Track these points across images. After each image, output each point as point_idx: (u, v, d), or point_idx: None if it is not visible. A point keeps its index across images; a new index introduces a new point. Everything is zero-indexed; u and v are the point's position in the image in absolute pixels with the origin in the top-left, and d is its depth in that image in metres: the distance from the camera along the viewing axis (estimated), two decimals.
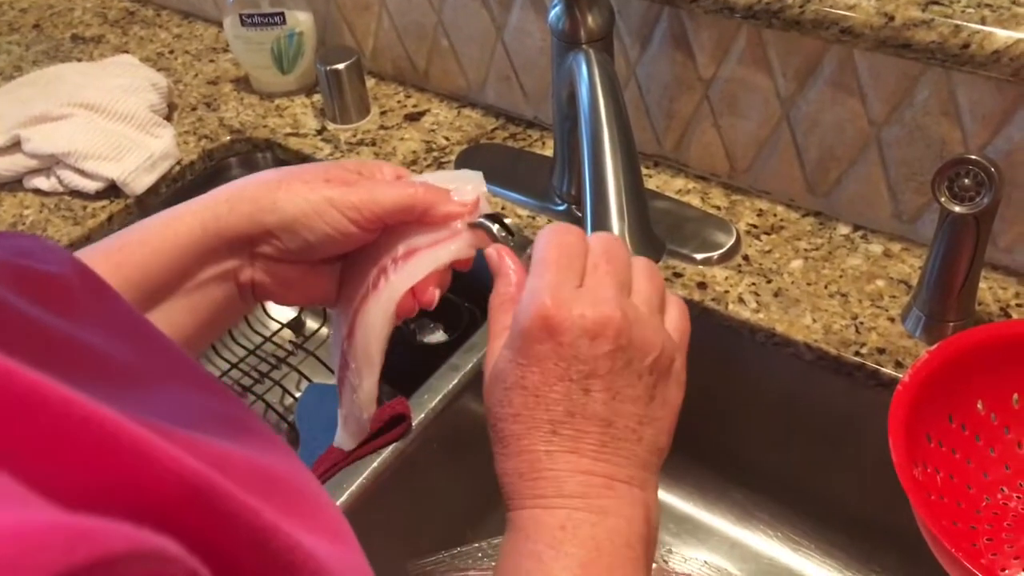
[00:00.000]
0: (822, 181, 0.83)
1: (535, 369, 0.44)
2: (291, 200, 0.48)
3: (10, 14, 1.28)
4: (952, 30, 0.66)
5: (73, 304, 0.32)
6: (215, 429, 0.29)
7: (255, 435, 0.32)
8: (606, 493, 0.44)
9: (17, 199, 0.95)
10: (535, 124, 1.00)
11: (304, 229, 0.49)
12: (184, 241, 0.48)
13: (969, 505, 0.62)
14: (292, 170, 0.51)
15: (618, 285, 0.46)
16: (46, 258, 0.33)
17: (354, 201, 0.49)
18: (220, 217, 0.49)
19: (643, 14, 0.84)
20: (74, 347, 0.29)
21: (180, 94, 1.09)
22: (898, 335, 0.73)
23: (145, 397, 0.29)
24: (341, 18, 1.08)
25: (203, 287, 0.50)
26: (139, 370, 0.31)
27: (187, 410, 0.30)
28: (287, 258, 0.51)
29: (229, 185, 0.51)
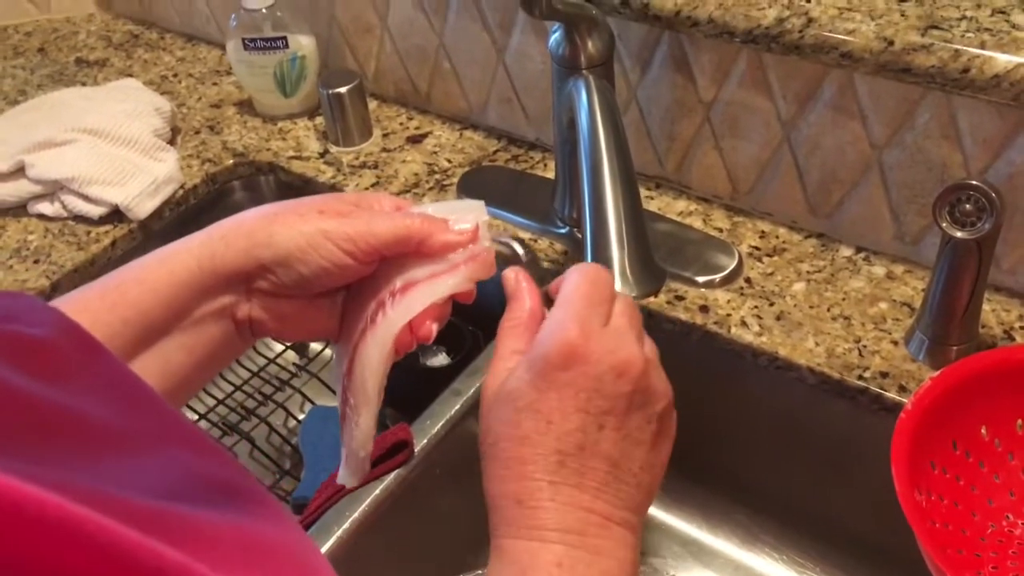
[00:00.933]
0: (824, 203, 0.83)
1: (553, 395, 0.44)
2: (285, 234, 0.48)
3: (15, 38, 1.29)
4: (952, 55, 0.66)
5: (60, 368, 0.31)
6: (202, 495, 0.29)
7: (245, 500, 0.32)
8: (602, 533, 0.43)
9: (21, 224, 0.95)
10: (537, 146, 1.00)
11: (299, 263, 0.48)
12: (181, 279, 0.48)
13: (974, 532, 0.62)
14: (288, 204, 0.50)
15: (638, 335, 0.47)
16: (33, 320, 0.33)
17: (349, 233, 0.48)
18: (216, 254, 0.48)
19: (643, 37, 0.84)
20: (51, 414, 0.28)
21: (184, 117, 1.09)
22: (901, 358, 0.73)
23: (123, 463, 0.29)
24: (343, 41, 1.09)
25: (199, 324, 0.49)
26: (123, 432, 0.31)
27: (169, 474, 0.30)
28: (284, 292, 0.50)
29: (225, 221, 0.50)
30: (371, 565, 0.72)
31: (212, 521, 0.29)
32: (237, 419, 1.02)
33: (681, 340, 0.79)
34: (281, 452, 1.00)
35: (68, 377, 0.32)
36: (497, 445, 0.45)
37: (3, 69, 1.22)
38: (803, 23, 0.71)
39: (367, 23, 1.05)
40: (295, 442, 0.98)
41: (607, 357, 0.44)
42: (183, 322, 0.49)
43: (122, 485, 0.27)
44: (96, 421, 0.30)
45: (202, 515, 0.29)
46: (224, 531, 0.30)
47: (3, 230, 0.94)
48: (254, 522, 0.31)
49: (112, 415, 0.31)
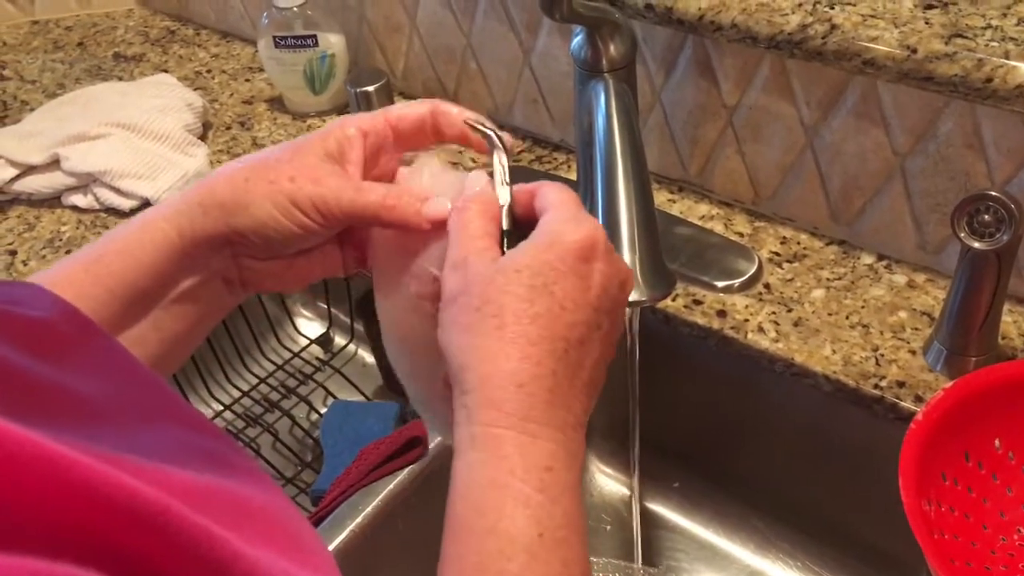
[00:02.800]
0: (846, 210, 0.82)
1: (571, 283, 0.42)
2: (257, 202, 0.47)
3: (56, 32, 1.32)
4: (975, 64, 0.66)
5: (58, 347, 0.33)
6: (192, 463, 0.30)
7: (235, 469, 0.33)
8: (576, 436, 0.42)
9: (55, 216, 0.97)
10: (561, 147, 1.00)
11: (269, 229, 0.47)
12: (162, 248, 0.47)
13: (984, 545, 0.62)
14: (258, 165, 0.48)
15: None
16: (35, 304, 0.34)
17: (316, 203, 0.47)
18: (195, 222, 0.48)
19: (667, 41, 0.84)
20: (54, 391, 0.30)
21: (215, 113, 1.11)
22: (919, 368, 0.72)
23: (121, 434, 0.30)
24: (373, 40, 1.10)
25: (190, 293, 0.49)
26: (120, 409, 0.32)
27: (165, 446, 0.31)
28: (265, 255, 0.50)
29: (199, 186, 0.49)
30: (383, 559, 0.73)
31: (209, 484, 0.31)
32: (261, 411, 1.04)
33: (698, 344, 0.79)
34: (303, 445, 1.01)
35: (66, 356, 0.33)
36: (500, 316, 0.41)
37: (43, 63, 1.24)
38: (826, 30, 0.71)
39: (396, 22, 1.06)
40: (316, 435, 0.99)
41: (617, 262, 0.44)
42: (171, 290, 0.48)
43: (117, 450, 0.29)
44: (92, 398, 0.32)
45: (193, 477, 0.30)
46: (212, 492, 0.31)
47: (37, 221, 0.97)
48: (243, 487, 0.32)
49: (107, 392, 0.33)
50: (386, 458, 0.73)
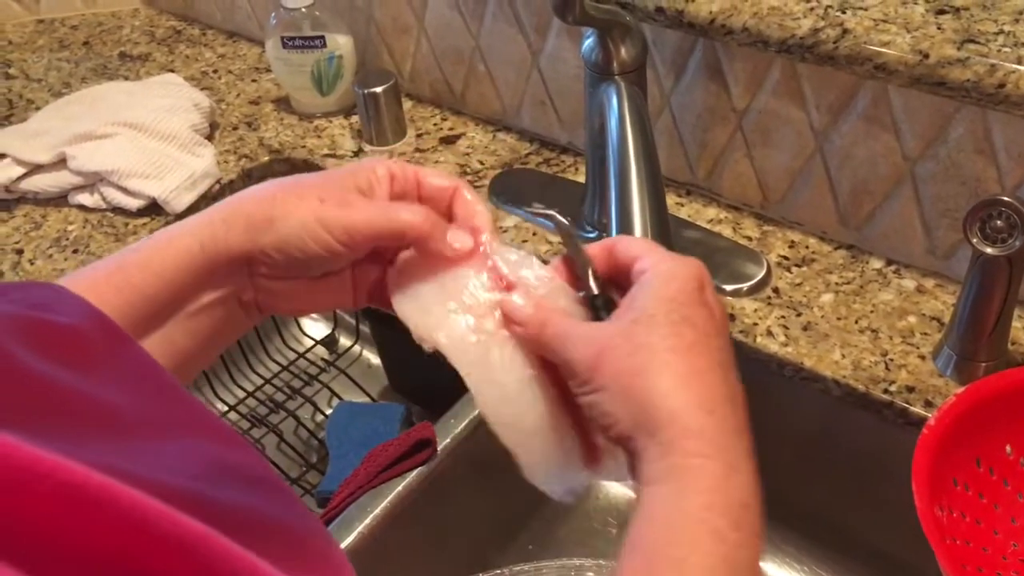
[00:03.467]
0: (855, 214, 0.82)
1: (701, 313, 0.42)
2: (284, 219, 0.47)
3: (61, 31, 1.32)
4: (987, 69, 0.66)
5: (87, 355, 0.32)
6: (223, 481, 0.30)
7: (264, 486, 0.33)
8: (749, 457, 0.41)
9: (62, 214, 0.97)
10: (569, 149, 1.00)
11: (295, 248, 0.47)
12: (184, 262, 0.47)
13: (996, 551, 0.62)
14: (287, 184, 0.49)
15: None
16: (62, 309, 0.34)
17: (345, 224, 0.47)
18: (218, 237, 0.47)
19: (677, 45, 0.84)
20: (80, 402, 0.29)
21: (222, 113, 1.11)
22: (928, 373, 0.72)
23: (150, 449, 0.30)
24: (380, 41, 1.10)
25: (206, 310, 0.49)
26: (149, 421, 0.32)
27: (195, 462, 0.31)
28: (284, 274, 0.49)
29: (226, 202, 0.49)
30: (392, 561, 0.73)
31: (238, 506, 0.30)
32: (266, 412, 1.04)
33: None
34: (308, 446, 1.01)
35: (95, 365, 0.33)
36: (660, 356, 0.41)
37: (49, 62, 1.24)
38: (838, 34, 0.71)
39: (404, 24, 1.06)
40: (322, 436, 0.99)
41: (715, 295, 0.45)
42: (188, 306, 0.48)
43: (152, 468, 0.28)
44: (120, 409, 0.31)
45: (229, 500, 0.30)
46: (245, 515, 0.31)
47: (44, 219, 0.97)
48: (272, 508, 0.32)
49: (136, 403, 0.32)
50: (395, 460, 0.73)
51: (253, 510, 0.30)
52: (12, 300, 0.34)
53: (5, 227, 0.96)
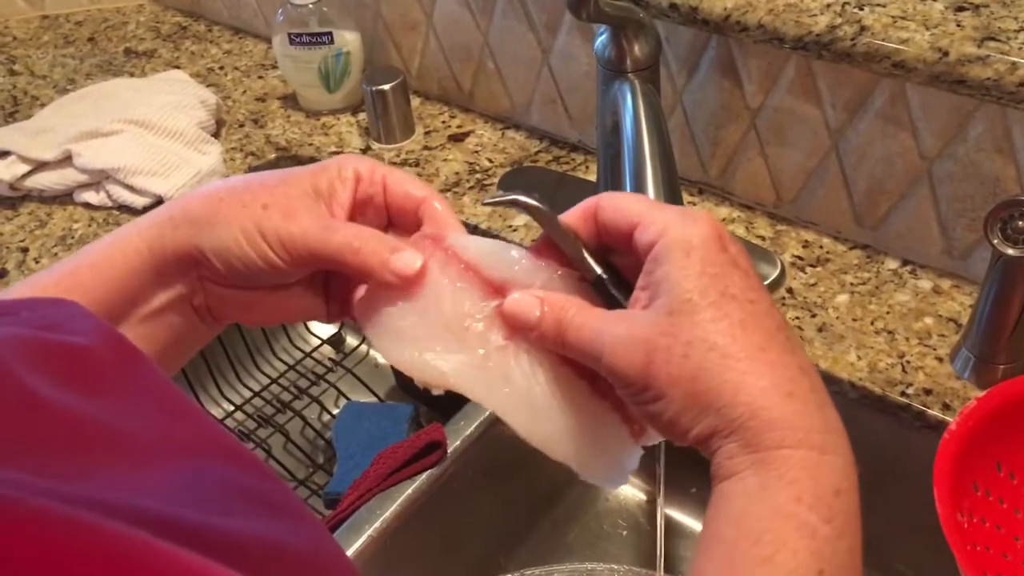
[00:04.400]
0: (870, 214, 0.81)
1: (737, 276, 0.38)
2: (226, 225, 0.44)
3: (66, 27, 1.31)
4: (1008, 67, 0.65)
5: (98, 378, 0.31)
6: (238, 508, 0.29)
7: (281, 512, 0.32)
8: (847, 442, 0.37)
9: (67, 212, 0.96)
10: (579, 147, 0.99)
11: (233, 257, 0.44)
12: (132, 262, 0.45)
13: (1016, 557, 0.61)
14: (237, 187, 0.46)
15: None
16: (74, 328, 0.33)
17: (283, 238, 0.44)
18: (164, 237, 0.45)
19: (691, 42, 0.83)
20: (91, 429, 0.28)
21: (228, 110, 1.10)
22: (946, 376, 0.71)
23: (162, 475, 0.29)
24: (388, 38, 1.09)
25: (160, 314, 0.47)
26: (161, 445, 0.31)
27: (209, 488, 0.30)
28: (231, 283, 0.46)
29: (177, 200, 0.47)
30: (402, 564, 0.72)
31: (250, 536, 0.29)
32: (272, 412, 1.03)
33: None
34: (315, 446, 1.00)
35: (106, 388, 0.32)
36: (716, 347, 0.36)
37: (54, 58, 1.23)
38: (855, 31, 0.70)
39: (412, 20, 1.05)
40: (329, 436, 0.98)
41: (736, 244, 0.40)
42: (140, 310, 0.46)
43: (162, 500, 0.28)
44: (133, 433, 0.30)
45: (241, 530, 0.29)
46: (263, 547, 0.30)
47: (49, 217, 0.96)
48: (291, 537, 0.31)
49: (148, 426, 0.31)
50: (404, 462, 0.72)
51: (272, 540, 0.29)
52: (23, 321, 0.33)
53: (10, 225, 0.95)
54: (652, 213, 0.40)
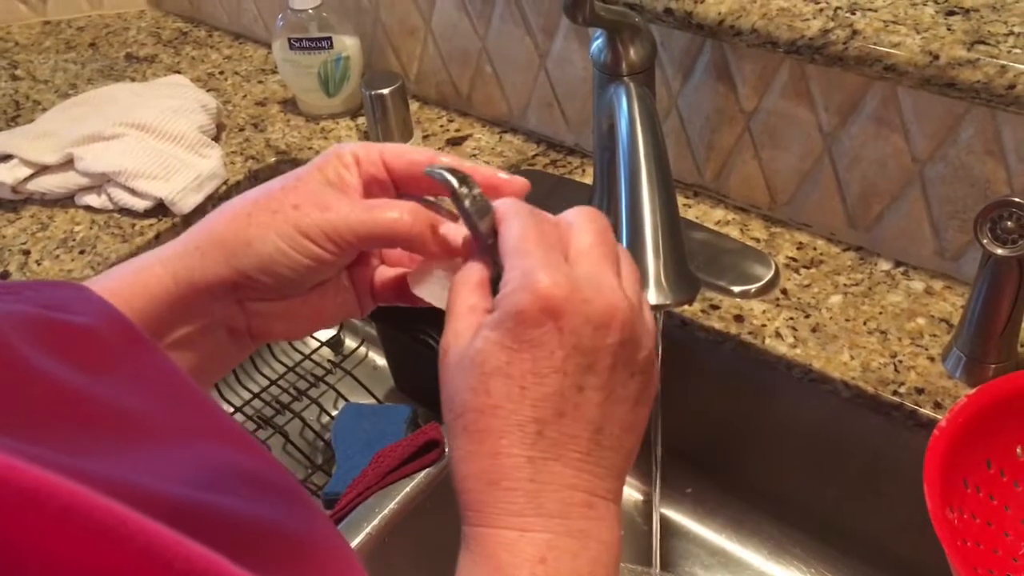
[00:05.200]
0: (863, 216, 0.82)
1: (526, 356, 0.38)
2: (262, 237, 0.44)
3: (67, 32, 1.32)
4: (998, 70, 0.66)
5: (102, 358, 0.32)
6: (236, 489, 0.30)
7: (280, 495, 0.32)
8: (587, 513, 0.38)
9: (69, 215, 0.97)
10: (576, 151, 1.00)
11: (280, 265, 0.44)
12: (155, 294, 0.44)
13: (1006, 552, 0.61)
14: (258, 199, 0.45)
15: (615, 270, 0.41)
16: (79, 309, 0.33)
17: (326, 230, 0.44)
18: (193, 268, 0.44)
19: (685, 46, 0.84)
20: (93, 406, 0.29)
21: (229, 115, 1.11)
22: (938, 375, 0.72)
23: (163, 455, 0.29)
24: (387, 43, 1.10)
25: (184, 342, 0.46)
26: (164, 425, 0.31)
27: (210, 469, 0.31)
28: (275, 295, 0.46)
29: (199, 227, 0.46)
30: (400, 562, 0.73)
31: (244, 516, 0.30)
32: (271, 413, 1.04)
33: (715, 349, 0.79)
34: (314, 447, 1.01)
35: (110, 367, 0.32)
36: (464, 416, 0.38)
37: (55, 63, 1.24)
38: (848, 35, 0.71)
39: (411, 25, 1.06)
40: (328, 438, 0.99)
41: (584, 307, 0.38)
42: (163, 338, 0.45)
43: (158, 477, 0.28)
44: (134, 412, 0.31)
45: (235, 509, 0.29)
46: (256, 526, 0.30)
47: (51, 221, 0.97)
48: (287, 519, 0.32)
49: (150, 406, 0.32)
50: (402, 461, 0.73)
51: (267, 520, 0.30)
52: (28, 299, 0.33)
53: (12, 228, 0.96)
54: (513, 255, 0.40)
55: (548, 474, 0.38)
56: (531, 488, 0.38)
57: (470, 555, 0.38)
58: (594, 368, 0.39)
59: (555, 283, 0.38)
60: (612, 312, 0.39)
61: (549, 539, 0.37)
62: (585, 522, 0.38)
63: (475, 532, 0.38)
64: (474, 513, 0.38)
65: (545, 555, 0.37)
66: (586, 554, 0.38)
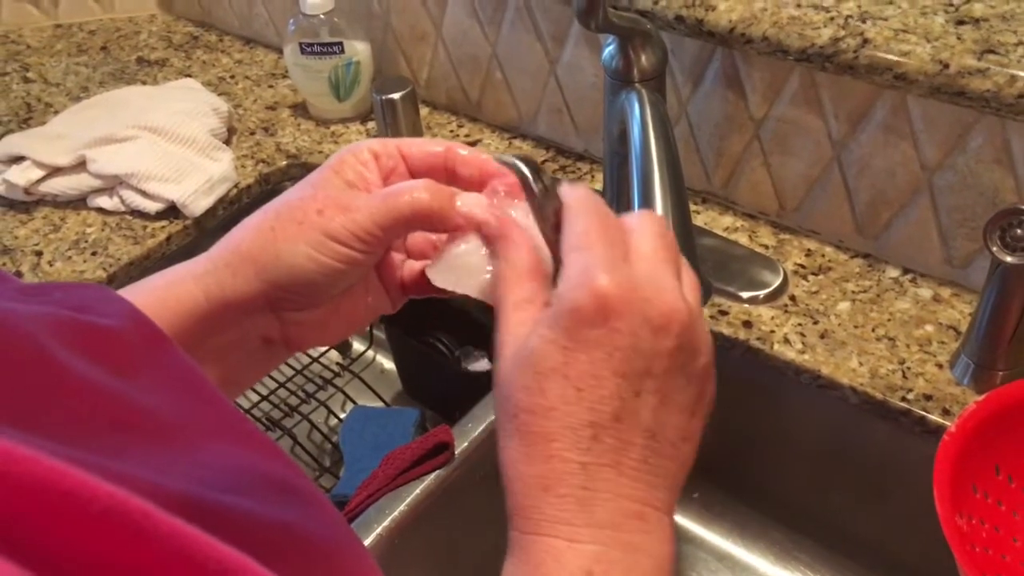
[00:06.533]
0: (872, 224, 0.83)
1: (582, 357, 0.37)
2: (291, 249, 0.44)
3: (79, 36, 1.33)
4: (1008, 80, 0.66)
5: (126, 359, 0.32)
6: (258, 492, 0.30)
7: (301, 499, 0.33)
8: (639, 526, 0.37)
9: (81, 217, 0.98)
10: (585, 157, 1.01)
11: (312, 273, 0.44)
12: (187, 308, 0.44)
13: (1015, 558, 0.62)
14: (280, 211, 0.45)
15: (676, 274, 0.40)
16: (105, 311, 0.33)
17: (353, 230, 0.43)
18: (224, 284, 0.44)
19: (696, 53, 0.84)
20: (118, 405, 0.29)
21: (240, 118, 1.12)
22: (946, 382, 0.72)
23: (186, 456, 0.30)
24: (398, 48, 1.11)
25: (217, 354, 0.46)
26: (186, 427, 0.31)
27: (231, 471, 0.31)
28: (309, 303, 0.46)
29: (226, 242, 0.46)
30: (410, 564, 0.73)
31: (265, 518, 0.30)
32: (280, 415, 1.04)
33: (723, 355, 0.79)
34: (322, 450, 1.01)
35: (134, 369, 0.32)
36: (518, 418, 0.37)
37: (67, 66, 1.25)
38: (858, 43, 0.71)
39: (422, 31, 1.07)
40: (336, 440, 1.00)
41: (643, 307, 0.37)
42: (196, 351, 0.44)
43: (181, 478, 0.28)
44: (158, 414, 0.31)
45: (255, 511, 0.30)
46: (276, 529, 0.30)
47: (63, 222, 0.97)
48: (306, 521, 0.32)
49: (174, 409, 0.32)
50: (412, 463, 0.73)
51: (286, 523, 0.30)
52: (54, 301, 0.33)
53: (24, 229, 0.96)
54: (575, 252, 0.39)
55: (602, 482, 0.37)
56: (583, 496, 0.37)
57: (515, 561, 0.37)
58: (651, 372, 0.37)
59: (615, 282, 0.37)
60: (671, 315, 0.37)
61: (598, 551, 0.36)
62: (637, 535, 0.37)
63: (522, 539, 0.37)
64: (523, 519, 0.37)
65: (592, 568, 0.36)
66: (637, 568, 0.37)
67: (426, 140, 0.48)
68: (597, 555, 0.36)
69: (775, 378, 0.77)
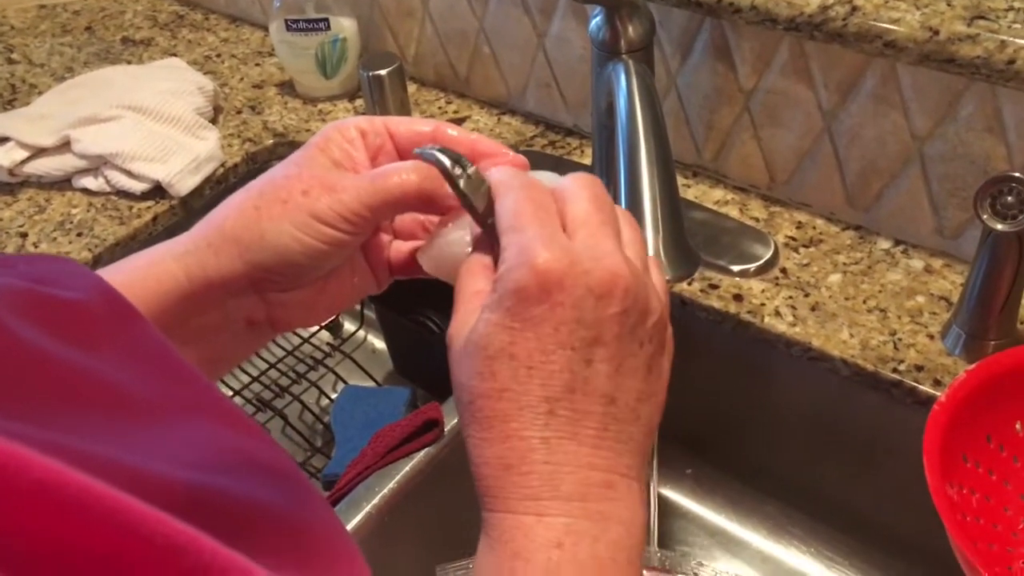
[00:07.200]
0: (863, 195, 0.82)
1: (529, 335, 0.37)
2: (275, 229, 0.43)
3: (63, 16, 1.31)
4: (998, 45, 0.65)
5: (93, 332, 0.31)
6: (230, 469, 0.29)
7: (276, 476, 0.32)
8: (606, 494, 0.38)
9: (66, 198, 0.97)
10: (574, 132, 1.00)
11: (297, 255, 0.43)
12: (168, 289, 0.43)
13: (1005, 527, 0.61)
14: (264, 190, 0.44)
15: (615, 236, 0.40)
16: (69, 284, 0.32)
17: (339, 211, 0.43)
18: (206, 264, 0.43)
19: (684, 24, 0.84)
20: (82, 380, 0.28)
21: (226, 97, 1.11)
22: (937, 352, 0.72)
23: (155, 433, 0.29)
24: (384, 24, 1.09)
25: (200, 335, 0.45)
26: (155, 403, 0.30)
27: (202, 448, 0.30)
28: (294, 284, 0.45)
29: (208, 222, 0.45)
30: (399, 541, 0.73)
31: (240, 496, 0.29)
32: (271, 396, 1.04)
33: (714, 329, 0.79)
34: (313, 430, 1.01)
35: (100, 343, 0.31)
36: (474, 403, 0.38)
37: (51, 46, 1.24)
38: (847, 11, 0.71)
39: (408, 6, 1.06)
40: (327, 420, 0.99)
41: (584, 278, 0.37)
42: (178, 331, 0.44)
43: (150, 456, 0.28)
44: (125, 389, 0.30)
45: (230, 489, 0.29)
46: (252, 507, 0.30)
47: (48, 203, 0.96)
48: (283, 500, 0.31)
49: (143, 384, 0.31)
50: (402, 440, 0.73)
51: (262, 502, 0.29)
52: (18, 273, 0.33)
53: (9, 211, 0.95)
54: (509, 231, 0.39)
55: (563, 454, 0.37)
56: (546, 470, 0.37)
57: (487, 540, 0.38)
58: (601, 339, 0.38)
59: (553, 257, 0.37)
60: (614, 280, 0.37)
61: (567, 523, 0.36)
62: (605, 504, 0.37)
63: (492, 517, 0.38)
64: (491, 499, 0.38)
65: (562, 540, 0.36)
66: (606, 537, 0.37)
67: (414, 119, 0.48)
68: (566, 527, 0.36)
69: (766, 351, 0.77)
